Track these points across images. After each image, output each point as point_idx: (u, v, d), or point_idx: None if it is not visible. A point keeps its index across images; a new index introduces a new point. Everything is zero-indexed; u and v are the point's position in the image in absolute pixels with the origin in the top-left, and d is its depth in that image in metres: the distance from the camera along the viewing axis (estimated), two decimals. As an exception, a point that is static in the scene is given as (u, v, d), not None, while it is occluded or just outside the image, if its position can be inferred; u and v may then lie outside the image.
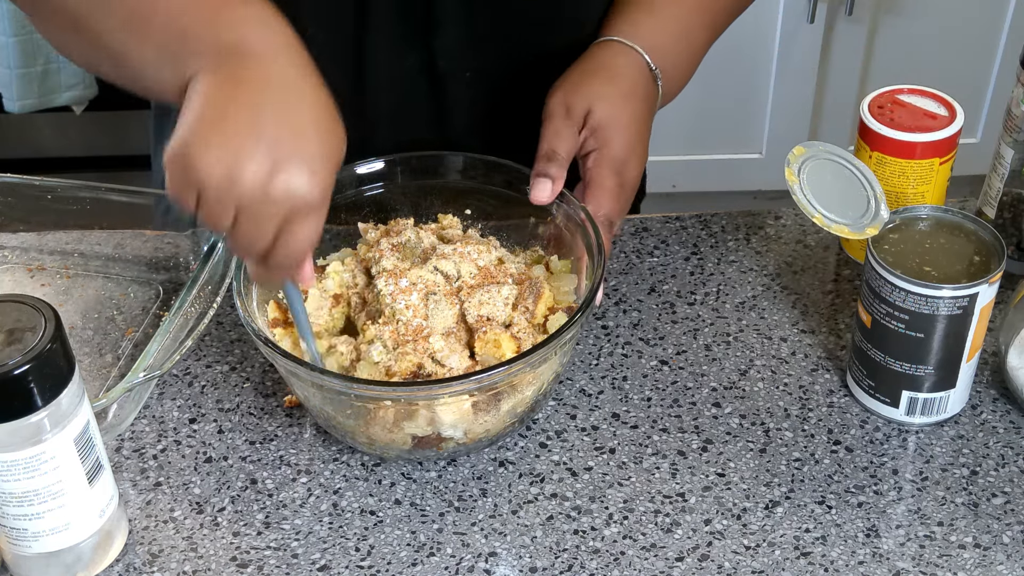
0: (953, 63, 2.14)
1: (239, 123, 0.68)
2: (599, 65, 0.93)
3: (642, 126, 0.91)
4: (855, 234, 0.83)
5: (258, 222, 0.69)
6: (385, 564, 0.77)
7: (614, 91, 0.91)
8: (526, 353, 0.77)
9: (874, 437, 0.85)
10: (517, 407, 0.80)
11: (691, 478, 0.82)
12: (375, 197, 0.92)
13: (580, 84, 0.91)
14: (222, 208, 0.68)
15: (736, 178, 2.29)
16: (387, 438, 0.79)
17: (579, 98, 0.90)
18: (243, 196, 0.67)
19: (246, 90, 0.69)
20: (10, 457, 0.69)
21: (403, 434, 0.79)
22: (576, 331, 0.79)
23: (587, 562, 0.77)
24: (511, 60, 1.00)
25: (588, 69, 0.92)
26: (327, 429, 0.84)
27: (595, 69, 0.92)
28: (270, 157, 0.67)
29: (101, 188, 0.99)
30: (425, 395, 0.77)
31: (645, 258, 1.00)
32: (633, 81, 0.92)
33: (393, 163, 0.92)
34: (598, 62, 0.93)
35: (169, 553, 0.78)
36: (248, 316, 0.80)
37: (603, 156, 0.89)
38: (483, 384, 0.76)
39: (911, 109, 0.92)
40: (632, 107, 0.91)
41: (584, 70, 0.92)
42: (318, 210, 0.70)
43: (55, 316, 0.69)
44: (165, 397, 0.89)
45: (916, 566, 0.77)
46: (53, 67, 1.92)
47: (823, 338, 0.93)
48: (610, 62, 0.93)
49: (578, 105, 0.89)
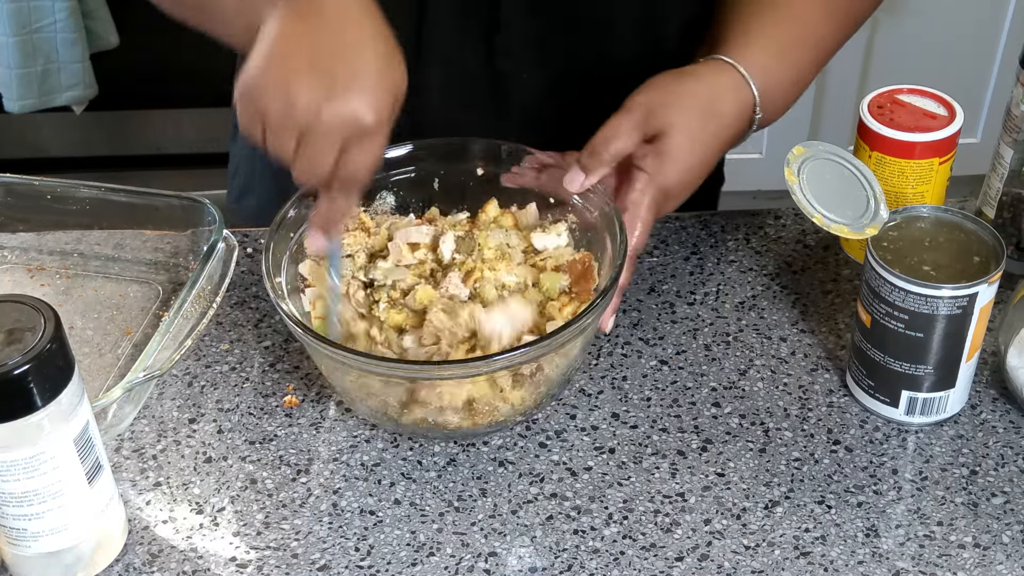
0: (953, 63, 2.14)
1: (299, 55, 0.73)
2: (704, 92, 0.88)
3: (706, 170, 0.88)
4: (855, 234, 0.83)
5: (318, 146, 0.73)
6: (385, 564, 0.77)
7: (701, 128, 0.87)
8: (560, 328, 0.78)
9: (874, 437, 0.85)
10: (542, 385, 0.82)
11: (691, 478, 0.82)
12: (407, 180, 0.93)
13: (673, 100, 0.87)
14: (284, 135, 0.73)
15: (736, 178, 2.29)
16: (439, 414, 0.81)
17: (663, 113, 0.86)
18: (301, 122, 0.72)
19: (306, 25, 0.74)
20: (10, 457, 0.69)
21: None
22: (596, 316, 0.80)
23: (587, 562, 0.77)
24: (570, 64, 0.99)
25: (690, 88, 0.88)
26: (373, 414, 0.84)
27: (696, 93, 0.88)
28: (326, 85, 0.72)
29: (101, 188, 0.99)
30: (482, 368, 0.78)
31: (645, 258, 1.00)
32: (727, 125, 0.88)
33: (422, 148, 0.92)
34: (706, 87, 0.88)
35: (169, 553, 0.78)
36: (280, 298, 0.82)
37: (653, 185, 0.86)
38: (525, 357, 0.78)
39: (911, 109, 0.92)
40: (709, 149, 0.87)
41: (685, 87, 0.88)
42: (374, 136, 0.74)
43: (55, 316, 0.69)
44: (165, 397, 0.89)
45: (916, 566, 0.77)
46: (53, 67, 1.92)
47: (823, 338, 0.93)
48: (717, 93, 0.88)
49: (658, 119, 0.86)
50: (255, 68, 0.73)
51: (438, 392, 0.79)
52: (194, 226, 0.97)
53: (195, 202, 0.96)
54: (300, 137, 0.73)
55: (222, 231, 0.92)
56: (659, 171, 0.86)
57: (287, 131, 0.73)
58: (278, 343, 0.93)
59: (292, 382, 0.90)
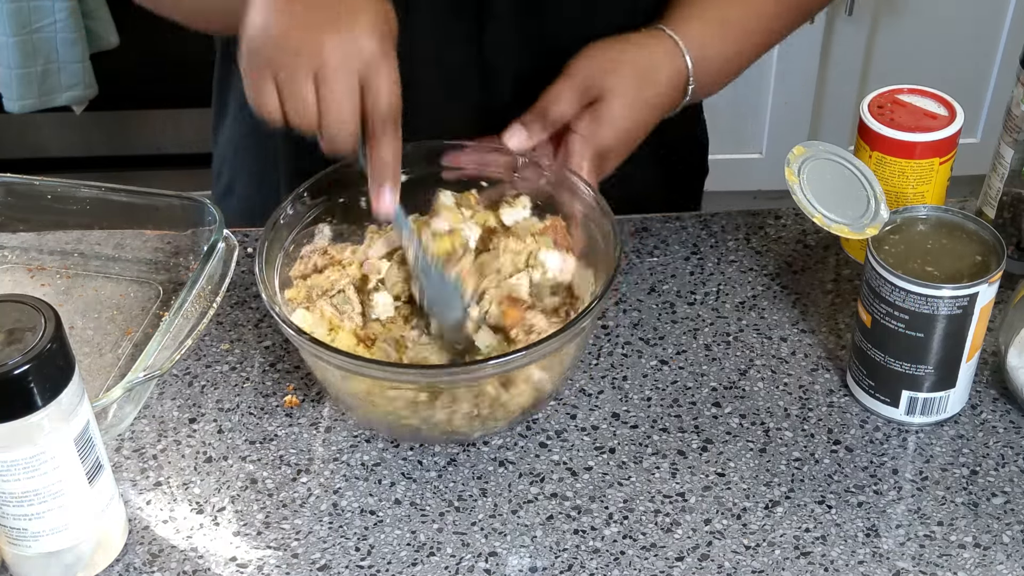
0: (953, 63, 2.14)
1: (294, 6, 0.74)
2: (641, 60, 0.91)
3: (641, 134, 0.91)
4: (855, 234, 0.83)
5: (340, 86, 0.74)
6: (385, 564, 0.77)
7: (636, 94, 0.90)
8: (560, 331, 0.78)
9: (874, 437, 0.85)
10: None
11: (691, 478, 0.82)
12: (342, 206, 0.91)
13: (612, 66, 0.90)
14: (301, 89, 0.73)
15: (736, 178, 2.29)
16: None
17: (601, 78, 0.89)
18: (315, 66, 0.73)
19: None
20: (10, 457, 0.69)
21: None
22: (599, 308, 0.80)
23: (587, 562, 0.77)
24: (558, 59, 1.00)
25: (629, 56, 0.91)
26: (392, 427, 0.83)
27: (634, 60, 0.91)
28: (329, 26, 0.73)
29: (101, 188, 0.99)
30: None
31: (645, 258, 1.00)
32: (661, 92, 0.91)
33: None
34: (640, 54, 0.91)
35: (169, 553, 0.78)
36: (272, 303, 0.81)
37: (588, 146, 0.89)
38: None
39: (911, 109, 0.92)
40: (643, 115, 0.91)
41: (624, 54, 0.91)
42: (387, 61, 0.75)
43: (55, 316, 0.69)
44: (165, 397, 0.89)
45: (916, 566, 0.77)
46: (53, 67, 1.92)
47: (823, 338, 0.93)
48: (654, 62, 0.91)
49: (596, 85, 0.89)
50: (255, 28, 0.74)
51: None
52: (194, 226, 0.97)
53: (195, 202, 0.96)
54: (318, 85, 0.73)
55: (222, 231, 0.92)
56: (595, 134, 0.89)
57: (302, 84, 0.73)
58: (278, 343, 0.93)
59: (292, 382, 0.90)
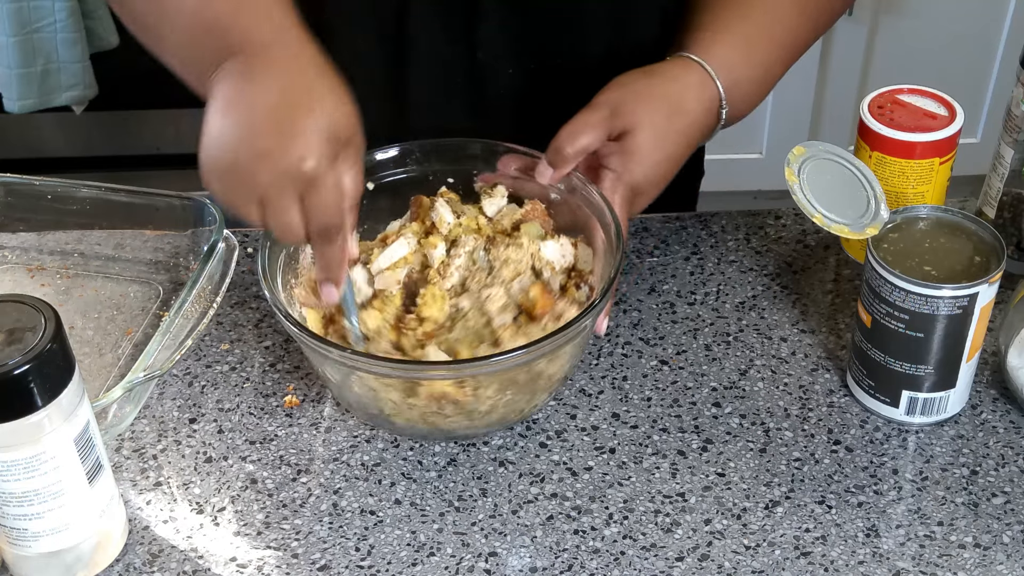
0: (953, 63, 2.14)
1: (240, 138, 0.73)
2: (670, 90, 0.88)
3: (674, 167, 0.89)
4: (855, 234, 0.83)
5: (276, 206, 0.73)
6: (385, 564, 0.77)
7: (666, 125, 0.87)
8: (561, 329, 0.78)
9: (874, 437, 0.85)
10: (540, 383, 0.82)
11: (691, 478, 0.82)
12: (397, 181, 0.92)
13: (639, 97, 0.87)
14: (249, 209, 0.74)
15: (736, 178, 2.29)
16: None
17: (629, 110, 0.86)
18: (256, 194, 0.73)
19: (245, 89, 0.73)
20: (10, 457, 0.69)
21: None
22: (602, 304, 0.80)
23: (587, 562, 0.77)
24: (549, 60, 0.99)
25: (656, 86, 0.88)
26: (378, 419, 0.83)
27: (662, 90, 0.88)
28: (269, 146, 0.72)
29: (101, 188, 0.99)
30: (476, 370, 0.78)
31: (645, 258, 1.00)
32: (693, 121, 0.89)
33: (410, 149, 0.91)
34: (672, 84, 0.89)
35: (169, 553, 0.78)
36: (279, 300, 0.81)
37: (621, 183, 0.87)
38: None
39: (911, 109, 0.92)
40: (675, 146, 0.88)
41: (651, 85, 0.88)
42: (324, 179, 0.73)
43: (55, 316, 0.69)
44: (165, 397, 0.89)
45: (916, 566, 0.77)
46: (53, 67, 1.92)
47: (823, 338, 0.93)
48: (683, 91, 0.88)
49: (624, 117, 0.86)
50: (207, 151, 0.73)
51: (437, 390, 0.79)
52: (194, 226, 0.97)
53: (195, 202, 0.96)
54: (259, 201, 0.73)
55: (222, 231, 0.92)
56: (626, 169, 0.87)
57: (249, 207, 0.73)
58: (278, 343, 0.93)
59: (292, 382, 0.90)
